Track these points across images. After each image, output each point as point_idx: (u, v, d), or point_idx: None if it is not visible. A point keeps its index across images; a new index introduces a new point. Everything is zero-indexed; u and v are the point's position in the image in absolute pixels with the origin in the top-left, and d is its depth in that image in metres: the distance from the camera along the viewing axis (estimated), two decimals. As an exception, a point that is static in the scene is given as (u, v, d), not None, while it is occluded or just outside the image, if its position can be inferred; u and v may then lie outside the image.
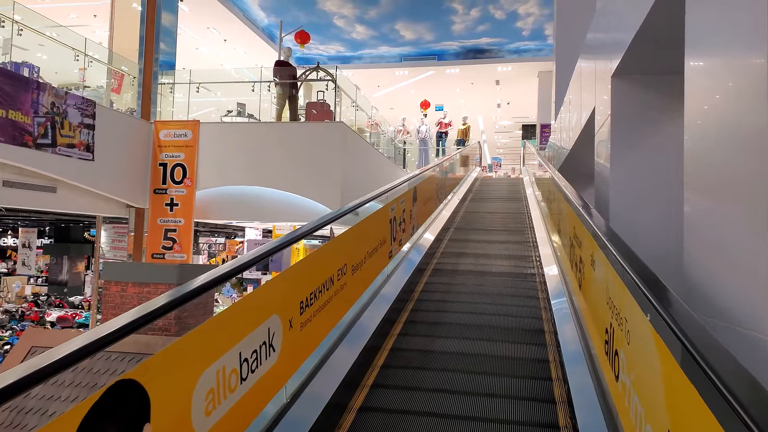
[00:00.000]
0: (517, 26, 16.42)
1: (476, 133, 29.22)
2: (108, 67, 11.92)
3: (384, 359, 3.71)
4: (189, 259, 11.34)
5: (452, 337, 4.08)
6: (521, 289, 5.25)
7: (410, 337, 4.07)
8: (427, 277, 5.55)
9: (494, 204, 11.32)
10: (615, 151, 4.54)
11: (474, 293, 5.13)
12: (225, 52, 17.23)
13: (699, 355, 1.33)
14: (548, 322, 4.40)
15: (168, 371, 1.64)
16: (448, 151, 18.66)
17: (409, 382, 3.39)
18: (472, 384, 3.34)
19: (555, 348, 3.83)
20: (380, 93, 21.86)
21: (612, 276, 2.32)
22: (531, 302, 4.89)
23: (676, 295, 1.78)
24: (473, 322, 4.40)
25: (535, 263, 6.11)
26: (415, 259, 5.65)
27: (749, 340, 1.90)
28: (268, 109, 12.66)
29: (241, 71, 15.61)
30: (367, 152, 12.73)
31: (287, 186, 10.78)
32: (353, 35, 17.39)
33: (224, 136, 11.33)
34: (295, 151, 10.86)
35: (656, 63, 4.22)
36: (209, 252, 21.61)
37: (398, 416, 2.97)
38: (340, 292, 3.18)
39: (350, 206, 3.80)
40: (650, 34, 3.66)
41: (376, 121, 17.38)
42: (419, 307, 4.71)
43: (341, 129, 10.81)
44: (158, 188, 11.32)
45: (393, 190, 5.16)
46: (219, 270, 2.22)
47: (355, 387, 3.26)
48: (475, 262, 6.15)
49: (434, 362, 3.69)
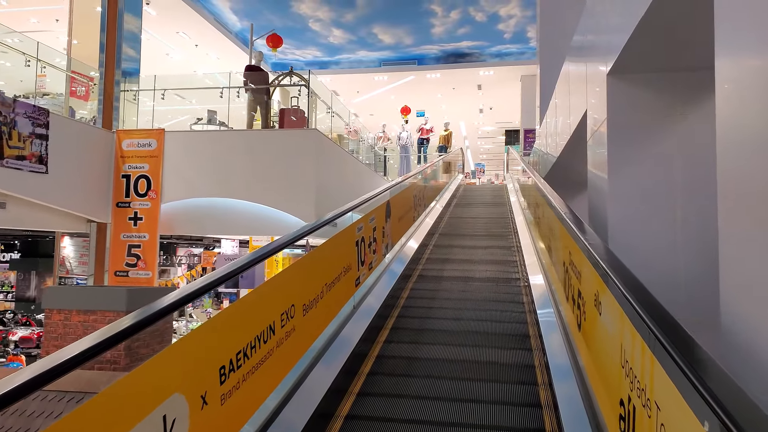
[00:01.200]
0: (499, 29, 15.94)
1: (459, 139, 28.77)
2: (66, 73, 11.20)
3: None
4: (154, 277, 10.63)
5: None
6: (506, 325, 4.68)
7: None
8: (394, 320, 4.90)
9: (478, 209, 10.91)
10: (613, 161, 3.98)
11: (457, 326, 4.54)
12: (197, 57, 16.54)
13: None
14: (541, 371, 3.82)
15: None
16: (430, 157, 18.13)
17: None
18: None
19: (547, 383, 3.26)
20: (360, 99, 21.28)
21: (631, 336, 1.73)
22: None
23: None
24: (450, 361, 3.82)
25: (526, 297, 5.54)
26: (385, 289, 5.02)
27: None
28: (243, 116, 12.01)
29: (214, 77, 14.98)
30: (344, 161, 12.13)
31: (258, 197, 10.15)
32: (330, 39, 16.80)
33: (191, 146, 10.66)
34: (266, 160, 10.25)
35: (659, 59, 3.67)
36: (189, 264, 20.76)
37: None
38: (284, 341, 2.56)
39: (298, 233, 3.19)
40: (654, 25, 3.10)
41: (355, 128, 16.82)
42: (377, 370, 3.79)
43: (315, 137, 10.20)
44: (121, 201, 10.63)
45: (363, 205, 4.55)
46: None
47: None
48: (459, 288, 5.60)
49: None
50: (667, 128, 3.90)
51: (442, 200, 12.40)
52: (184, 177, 10.53)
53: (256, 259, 2.63)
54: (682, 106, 3.88)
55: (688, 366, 1.25)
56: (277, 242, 2.97)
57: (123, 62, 11.21)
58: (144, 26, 14.48)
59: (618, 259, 2.44)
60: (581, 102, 5.31)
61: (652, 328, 1.53)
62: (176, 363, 1.78)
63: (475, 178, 24.24)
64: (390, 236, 5.37)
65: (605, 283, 2.23)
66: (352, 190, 11.95)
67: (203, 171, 10.47)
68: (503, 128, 25.20)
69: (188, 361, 1.83)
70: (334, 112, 12.55)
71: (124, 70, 11.27)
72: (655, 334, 1.47)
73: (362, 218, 4.26)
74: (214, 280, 2.26)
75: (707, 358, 1.29)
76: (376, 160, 18.37)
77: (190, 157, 10.57)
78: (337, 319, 3.65)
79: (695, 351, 1.34)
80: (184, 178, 10.53)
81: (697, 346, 1.38)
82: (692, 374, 1.22)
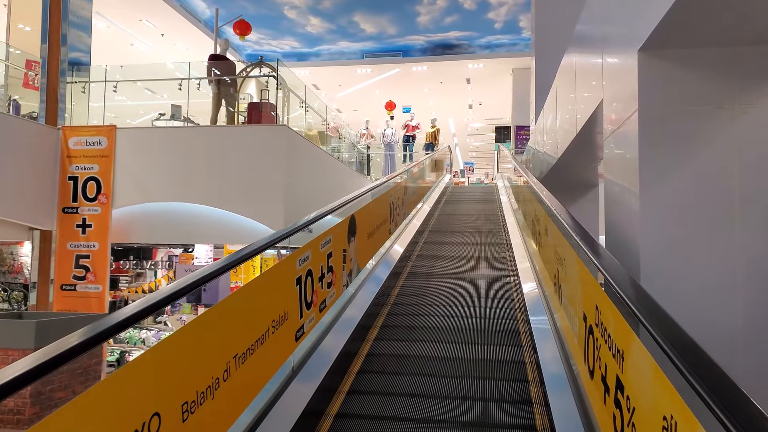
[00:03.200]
0: (489, 18, 14.86)
1: (447, 136, 27.70)
2: (5, 63, 10.01)
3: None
4: (105, 291, 9.49)
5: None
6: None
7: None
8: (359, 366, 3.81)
9: (468, 205, 9.88)
10: (647, 168, 2.92)
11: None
12: (164, 48, 15.33)
13: None
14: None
15: None
16: (416, 156, 17.05)
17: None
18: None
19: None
20: (342, 94, 20.12)
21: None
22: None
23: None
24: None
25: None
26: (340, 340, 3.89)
27: None
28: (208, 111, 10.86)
29: (182, 68, 13.77)
30: (320, 160, 11.03)
31: (220, 202, 9.05)
32: (308, 29, 15.63)
33: (147, 144, 9.51)
34: (229, 160, 9.15)
35: (713, 28, 2.62)
36: (170, 264, 19.36)
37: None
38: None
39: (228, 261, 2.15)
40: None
41: (336, 124, 15.72)
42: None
43: (284, 134, 9.10)
44: (68, 207, 9.47)
45: (315, 222, 3.47)
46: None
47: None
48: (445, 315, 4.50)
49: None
50: (722, 123, 2.86)
51: (430, 200, 11.34)
52: (139, 179, 9.40)
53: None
54: (742, 93, 2.83)
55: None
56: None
57: (71, 51, 10.02)
58: (103, 12, 13.30)
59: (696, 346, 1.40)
60: (593, 94, 4.26)
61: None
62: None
63: (464, 177, 23.17)
64: (355, 259, 4.29)
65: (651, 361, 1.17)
66: (330, 193, 10.86)
67: (160, 172, 9.34)
68: (493, 125, 24.16)
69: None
70: (309, 106, 11.44)
71: (71, 60, 10.08)
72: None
73: (310, 244, 3.17)
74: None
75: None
76: (359, 159, 17.29)
77: (146, 157, 9.44)
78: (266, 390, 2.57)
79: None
80: (138, 181, 9.40)
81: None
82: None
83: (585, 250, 2.53)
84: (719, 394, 1.16)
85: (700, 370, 1.27)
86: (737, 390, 1.17)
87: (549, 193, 4.59)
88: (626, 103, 3.20)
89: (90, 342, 1.58)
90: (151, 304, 1.89)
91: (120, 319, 1.77)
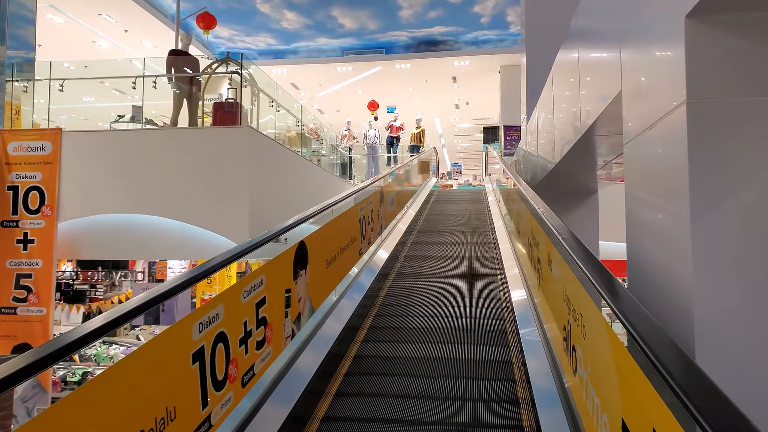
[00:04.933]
0: (475, 12, 13.95)
1: (434, 137, 26.82)
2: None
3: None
4: (49, 314, 8.48)
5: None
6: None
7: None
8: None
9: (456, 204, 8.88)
10: (701, 185, 2.02)
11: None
12: (129, 45, 14.29)
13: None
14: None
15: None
16: (401, 158, 16.14)
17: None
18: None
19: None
20: (323, 93, 19.14)
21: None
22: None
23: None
24: None
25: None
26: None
27: None
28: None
29: (148, 65, 12.74)
30: (292, 165, 10.08)
31: (179, 213, 8.11)
32: (283, 24, 14.63)
33: (97, 149, 8.51)
34: (189, 167, 8.21)
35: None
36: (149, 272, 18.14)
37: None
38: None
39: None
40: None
41: (315, 125, 14.78)
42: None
43: (249, 136, 8.16)
44: (7, 220, 8.47)
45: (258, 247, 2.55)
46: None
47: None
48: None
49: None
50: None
51: (415, 205, 10.44)
52: (89, 189, 8.42)
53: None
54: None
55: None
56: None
57: (9, 49, 9.01)
58: (59, 6, 12.28)
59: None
60: (605, 88, 3.36)
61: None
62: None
63: (452, 179, 22.29)
64: (307, 298, 3.35)
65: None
66: (305, 200, 9.93)
67: (112, 181, 8.37)
68: (481, 125, 23.30)
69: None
70: (281, 106, 10.49)
71: (12, 58, 9.07)
72: None
73: (222, 296, 2.23)
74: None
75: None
76: (342, 162, 16.36)
77: (96, 164, 8.46)
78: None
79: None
80: (88, 191, 8.42)
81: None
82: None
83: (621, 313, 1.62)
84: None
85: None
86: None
87: (548, 208, 3.70)
88: (663, 94, 2.30)
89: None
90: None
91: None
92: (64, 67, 10.01)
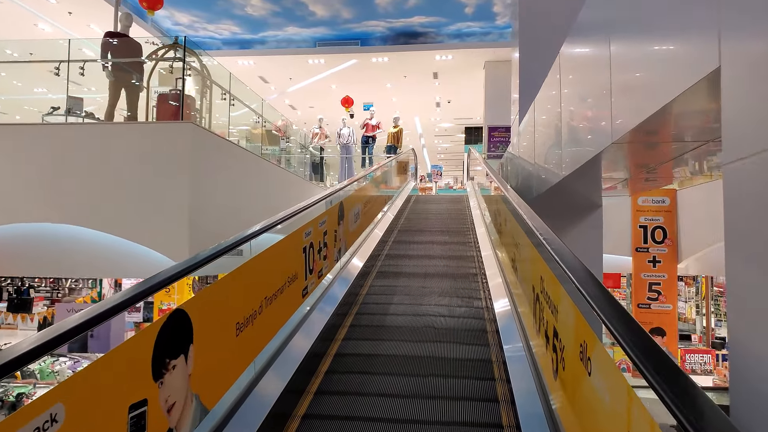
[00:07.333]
0: (459, 1, 12.75)
1: (414, 137, 25.62)
2: None
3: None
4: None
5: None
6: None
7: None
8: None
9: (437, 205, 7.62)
10: None
11: None
12: (74, 29, 12.84)
13: None
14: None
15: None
16: (377, 160, 14.91)
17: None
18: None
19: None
20: (294, 87, 17.77)
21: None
22: None
23: None
24: None
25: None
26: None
27: None
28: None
29: (89, 46, 11.33)
30: (247, 168, 8.77)
31: (107, 224, 6.84)
32: (248, 10, 13.26)
33: (12, 148, 7.18)
34: (121, 169, 6.93)
35: None
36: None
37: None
38: None
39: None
40: None
41: (284, 122, 13.49)
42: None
43: (191, 134, 6.89)
44: None
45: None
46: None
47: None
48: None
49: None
50: None
51: (392, 209, 9.22)
52: (7, 193, 7.12)
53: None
54: None
55: None
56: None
57: None
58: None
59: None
60: (660, 81, 2.15)
61: None
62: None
63: (432, 182, 21.11)
64: (192, 395, 2.10)
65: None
66: (262, 210, 8.65)
67: (29, 185, 7.07)
68: (463, 125, 22.14)
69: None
70: (235, 98, 9.19)
71: None
72: None
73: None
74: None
75: None
76: (313, 163, 15.08)
77: (10, 165, 7.14)
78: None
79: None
80: (6, 195, 7.12)
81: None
82: None
83: None
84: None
85: None
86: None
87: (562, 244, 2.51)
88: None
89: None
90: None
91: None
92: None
